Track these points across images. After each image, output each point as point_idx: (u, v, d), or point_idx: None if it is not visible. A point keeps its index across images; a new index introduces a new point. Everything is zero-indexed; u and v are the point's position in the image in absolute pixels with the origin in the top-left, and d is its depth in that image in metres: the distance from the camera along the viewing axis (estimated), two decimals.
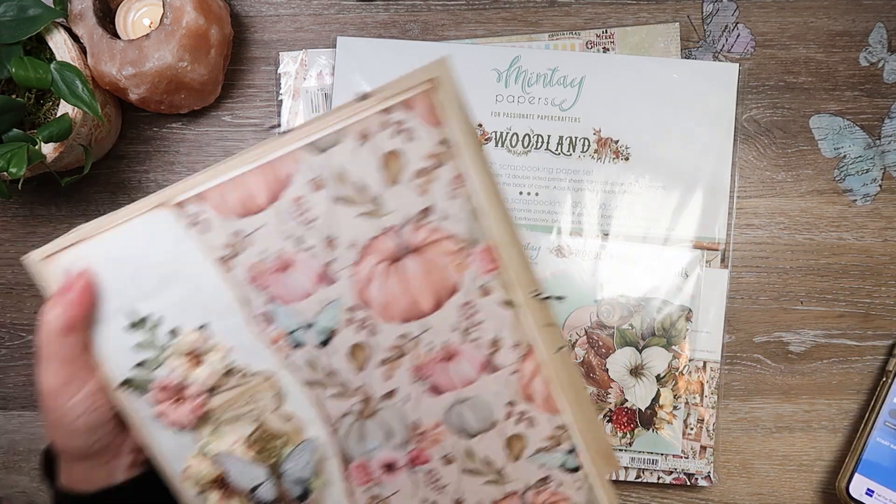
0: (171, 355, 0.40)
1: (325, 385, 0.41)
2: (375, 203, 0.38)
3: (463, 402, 0.41)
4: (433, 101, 0.37)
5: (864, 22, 0.63)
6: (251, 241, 0.39)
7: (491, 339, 0.41)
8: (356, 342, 0.40)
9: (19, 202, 0.63)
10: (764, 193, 0.62)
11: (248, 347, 0.40)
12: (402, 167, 0.38)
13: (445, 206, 0.38)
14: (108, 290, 0.39)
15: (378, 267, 0.39)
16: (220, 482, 0.42)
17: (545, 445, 0.42)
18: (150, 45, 0.54)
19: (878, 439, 0.60)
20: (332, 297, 0.39)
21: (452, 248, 0.39)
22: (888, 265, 0.62)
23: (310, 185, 0.38)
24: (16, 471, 0.63)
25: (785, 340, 0.62)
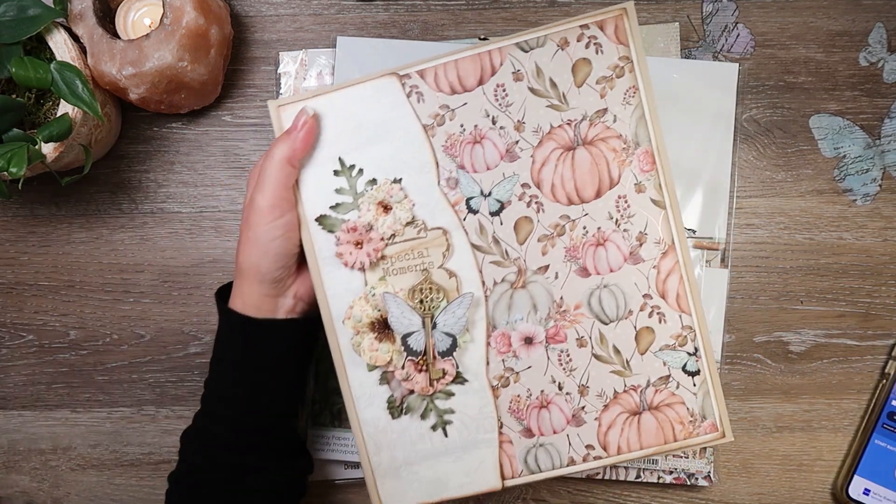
0: (364, 202, 0.47)
1: (489, 251, 0.47)
2: (562, 99, 0.46)
3: (605, 287, 0.47)
4: (621, 26, 0.45)
5: (864, 22, 0.63)
6: (454, 116, 0.46)
7: (638, 232, 0.47)
8: (523, 216, 0.47)
9: (19, 202, 0.63)
10: (764, 193, 0.62)
11: (432, 205, 0.47)
12: (589, 73, 0.46)
13: (618, 110, 0.46)
14: (326, 139, 0.47)
15: (554, 152, 0.46)
16: (377, 326, 0.47)
17: (671, 343, 0.47)
18: (150, 44, 0.54)
19: (876, 441, 0.60)
20: (510, 173, 0.47)
21: (618, 146, 0.46)
22: (888, 265, 0.62)
23: (512, 75, 0.46)
24: (16, 471, 0.63)
25: (785, 340, 0.62)
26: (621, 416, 0.47)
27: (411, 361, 0.47)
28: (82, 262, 0.62)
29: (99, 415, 0.63)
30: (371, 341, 0.47)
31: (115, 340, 0.62)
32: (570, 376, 0.47)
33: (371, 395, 0.48)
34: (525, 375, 0.47)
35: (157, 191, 0.63)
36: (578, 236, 0.47)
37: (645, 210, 0.46)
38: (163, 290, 0.62)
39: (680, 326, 0.47)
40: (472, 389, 0.48)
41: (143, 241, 0.62)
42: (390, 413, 0.48)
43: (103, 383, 0.62)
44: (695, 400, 0.47)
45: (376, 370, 0.48)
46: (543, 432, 0.48)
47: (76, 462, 0.63)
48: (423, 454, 0.48)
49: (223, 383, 0.49)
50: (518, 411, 0.48)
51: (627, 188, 0.46)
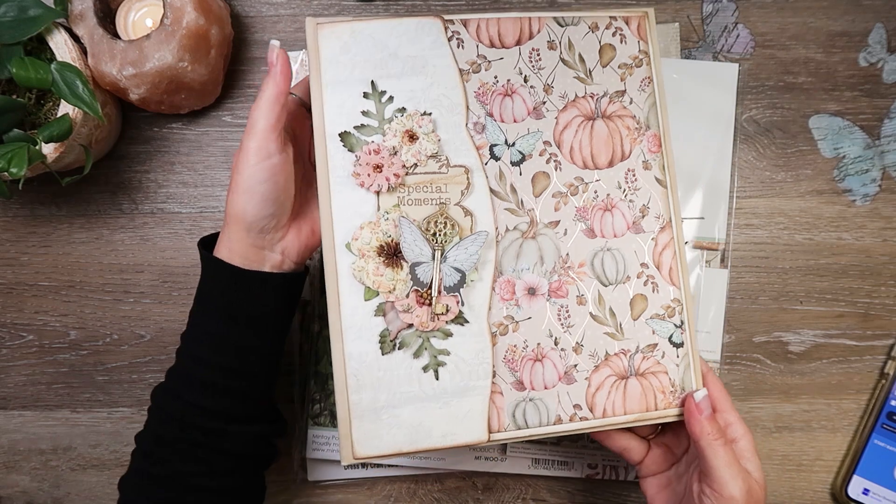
0: (392, 128, 0.47)
1: (505, 198, 0.48)
2: (588, 74, 0.50)
3: (608, 250, 0.49)
4: (643, 25, 0.51)
5: (864, 22, 0.63)
6: (490, 66, 0.49)
7: (642, 205, 0.50)
8: (542, 170, 0.49)
9: (20, 202, 0.63)
10: (763, 193, 0.62)
11: (458, 143, 0.48)
12: (613, 57, 0.51)
13: (635, 94, 0.51)
14: (360, 61, 0.47)
15: (576, 119, 0.50)
16: (385, 250, 0.47)
17: (661, 313, 0.50)
18: (151, 45, 0.54)
19: (876, 441, 0.60)
20: (535, 129, 0.49)
21: (632, 125, 0.50)
22: (887, 265, 0.62)
23: (547, 44, 0.50)
24: (16, 471, 0.63)
25: (784, 340, 0.62)
26: (609, 378, 0.49)
27: (416, 292, 0.46)
28: (82, 263, 0.63)
29: (99, 415, 0.63)
30: (377, 265, 0.46)
31: (115, 341, 0.62)
32: (567, 332, 0.48)
33: (363, 326, 0.46)
34: (524, 326, 0.48)
35: (158, 191, 0.63)
36: (589, 199, 0.49)
37: (649, 186, 0.50)
38: (163, 291, 0.62)
39: (670, 298, 0.50)
40: (471, 332, 0.47)
41: (143, 241, 0.62)
42: (381, 348, 0.46)
43: (103, 383, 0.62)
44: (677, 371, 0.49)
45: (374, 300, 0.46)
46: (535, 387, 0.48)
47: (76, 462, 0.63)
48: (409, 397, 0.46)
49: (207, 332, 0.49)
50: (513, 361, 0.47)
51: (636, 163, 0.50)
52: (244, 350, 0.48)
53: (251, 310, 0.48)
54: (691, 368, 0.49)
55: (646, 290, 0.49)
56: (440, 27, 0.48)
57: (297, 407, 0.61)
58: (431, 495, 0.62)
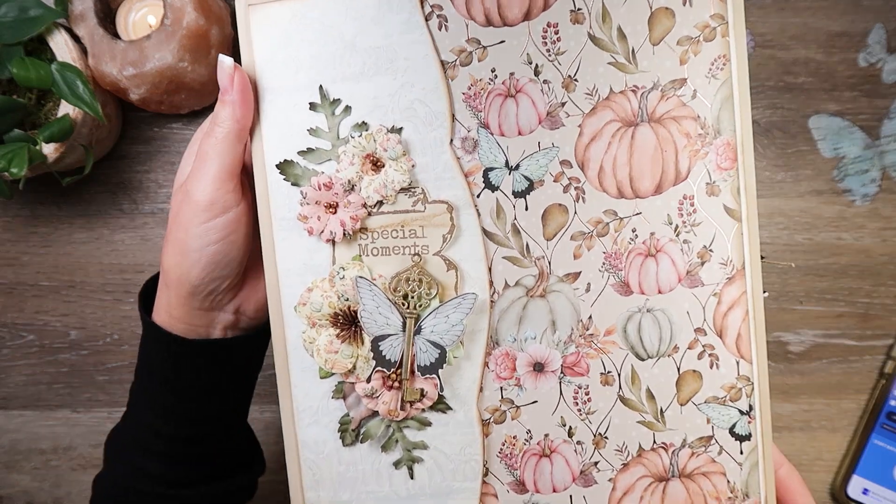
0: (348, 151, 0.35)
1: (504, 243, 0.36)
2: (630, 57, 0.35)
3: (649, 311, 0.36)
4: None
5: (864, 23, 0.63)
6: (485, 55, 0.35)
7: (702, 247, 0.36)
8: (557, 202, 0.35)
9: (20, 202, 0.63)
10: (763, 193, 0.63)
11: (439, 170, 0.35)
12: (671, 28, 0.34)
13: (700, 83, 0.35)
14: (306, 59, 0.35)
15: (610, 126, 0.35)
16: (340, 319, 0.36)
17: (721, 396, 0.36)
18: (151, 45, 0.54)
19: (875, 441, 0.60)
20: (549, 143, 0.35)
21: (694, 131, 0.35)
22: (887, 265, 0.62)
23: (570, 14, 0.34)
24: (16, 470, 0.63)
25: (784, 340, 0.62)
26: (643, 480, 0.37)
27: (381, 374, 0.36)
28: (83, 263, 0.63)
29: (100, 415, 0.63)
30: (330, 339, 0.36)
31: (115, 340, 0.62)
32: (586, 421, 0.37)
33: (319, 409, 0.37)
34: (528, 412, 0.37)
35: (158, 191, 0.63)
36: (624, 240, 0.36)
37: (715, 219, 0.35)
38: None
39: (735, 375, 0.36)
40: (456, 421, 0.37)
41: (143, 241, 0.62)
42: (341, 437, 0.37)
43: (104, 383, 0.63)
44: (739, 472, 0.37)
45: (331, 378, 0.37)
46: (540, 489, 0.37)
47: (77, 462, 0.63)
48: (377, 499, 0.37)
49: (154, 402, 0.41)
50: (511, 457, 0.37)
51: (697, 187, 0.35)
52: (199, 420, 0.41)
53: (201, 381, 0.40)
54: (760, 469, 0.37)
55: (701, 364, 0.36)
56: (411, 3, 0.35)
57: None
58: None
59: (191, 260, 0.36)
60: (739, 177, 0.35)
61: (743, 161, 0.35)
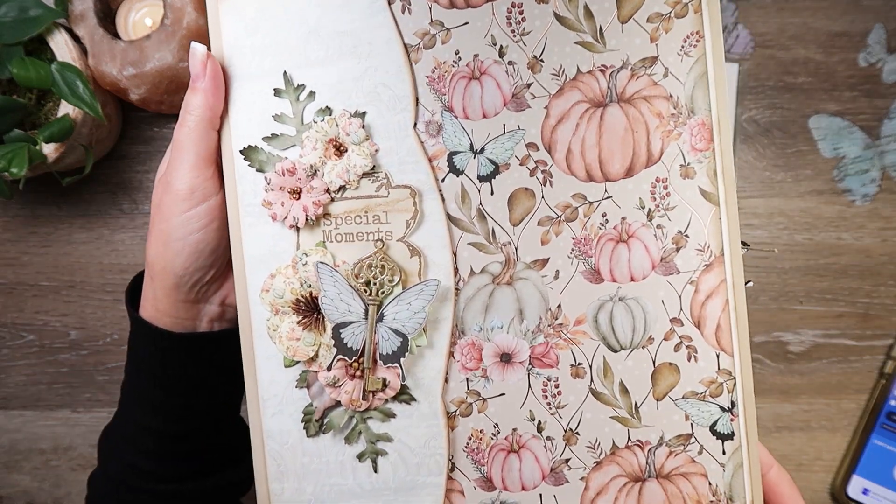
0: (311, 137, 0.35)
1: (469, 228, 0.35)
2: (598, 35, 0.33)
3: (621, 300, 0.34)
4: None
5: (864, 23, 0.63)
6: (448, 37, 0.34)
7: (677, 232, 0.34)
8: (523, 186, 0.34)
9: (20, 202, 0.63)
10: (763, 193, 0.63)
11: (402, 154, 0.35)
12: (640, 5, 0.33)
13: (672, 61, 0.33)
14: (271, 45, 0.35)
15: (577, 107, 0.34)
16: (302, 306, 0.35)
17: (701, 391, 0.35)
18: (151, 45, 0.54)
19: (875, 441, 0.60)
20: (514, 126, 0.34)
21: (666, 110, 0.33)
22: (887, 265, 0.62)
23: None
24: (16, 470, 0.63)
25: (784, 340, 0.62)
26: (617, 480, 0.35)
27: (343, 362, 0.35)
28: (83, 263, 0.63)
29: (100, 415, 0.63)
30: (292, 326, 0.35)
31: (115, 340, 0.62)
32: (556, 416, 0.35)
33: (283, 398, 0.36)
34: (494, 405, 0.36)
35: None
36: (594, 226, 0.34)
37: (690, 203, 0.34)
38: None
39: (715, 369, 0.35)
40: (421, 413, 0.36)
41: (143, 241, 0.62)
42: (305, 428, 0.36)
43: (104, 383, 0.63)
44: (721, 473, 0.35)
45: (295, 367, 0.36)
46: (508, 486, 0.36)
47: (77, 462, 0.63)
48: (341, 491, 0.36)
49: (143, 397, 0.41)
50: (478, 452, 0.36)
51: (670, 169, 0.34)
52: (187, 416, 0.40)
53: (189, 375, 0.40)
54: (745, 470, 0.35)
55: (678, 357, 0.35)
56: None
57: None
58: None
59: (174, 250, 0.36)
60: (716, 158, 0.33)
61: (720, 141, 0.33)
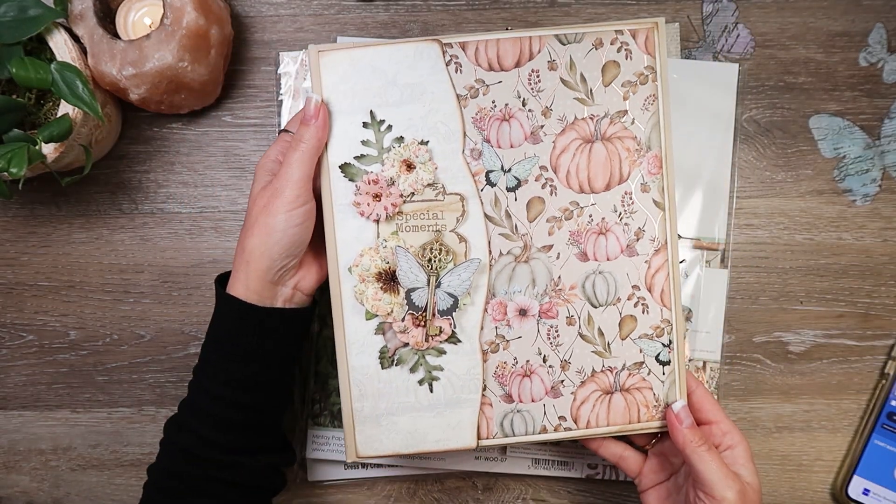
0: (390, 157, 0.49)
1: (499, 223, 0.50)
2: (589, 94, 0.50)
3: (600, 273, 0.50)
4: (651, 38, 0.49)
5: (864, 22, 0.63)
6: (488, 91, 0.49)
7: (637, 228, 0.50)
8: (537, 196, 0.50)
9: (20, 202, 0.63)
10: (764, 193, 0.62)
11: (454, 171, 0.49)
12: (617, 75, 0.49)
13: (637, 114, 0.50)
14: (360, 90, 0.49)
15: (574, 142, 0.50)
16: (383, 277, 0.49)
17: (650, 333, 0.51)
18: (151, 45, 0.54)
19: (876, 441, 0.60)
20: (532, 153, 0.50)
21: (632, 146, 0.50)
22: (887, 265, 0.62)
23: (547, 64, 0.49)
24: (16, 471, 0.63)
25: (784, 340, 0.62)
26: (595, 393, 0.51)
27: (411, 315, 0.49)
28: (82, 263, 0.62)
29: (99, 415, 0.63)
30: (376, 290, 0.49)
31: (115, 341, 0.62)
32: (555, 351, 0.51)
33: (364, 342, 0.50)
34: (514, 344, 0.50)
35: (158, 191, 0.63)
36: (584, 223, 0.50)
37: (646, 209, 0.50)
38: (163, 291, 0.62)
39: (660, 319, 0.51)
40: (464, 350, 0.50)
41: (143, 241, 0.62)
42: (381, 363, 0.50)
43: (103, 383, 0.62)
44: (661, 387, 0.51)
45: (374, 319, 0.50)
46: (523, 399, 0.51)
47: (76, 462, 0.63)
48: (407, 406, 0.50)
49: (221, 368, 0.49)
50: (502, 377, 0.50)
51: (634, 186, 0.50)
52: (258, 385, 0.50)
53: (265, 346, 0.49)
54: (676, 385, 0.51)
55: (636, 311, 0.51)
56: (438, 52, 0.49)
57: (297, 407, 0.61)
58: (431, 495, 0.62)
59: (275, 239, 0.47)
60: (664, 179, 0.50)
61: (666, 168, 0.50)
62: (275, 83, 0.62)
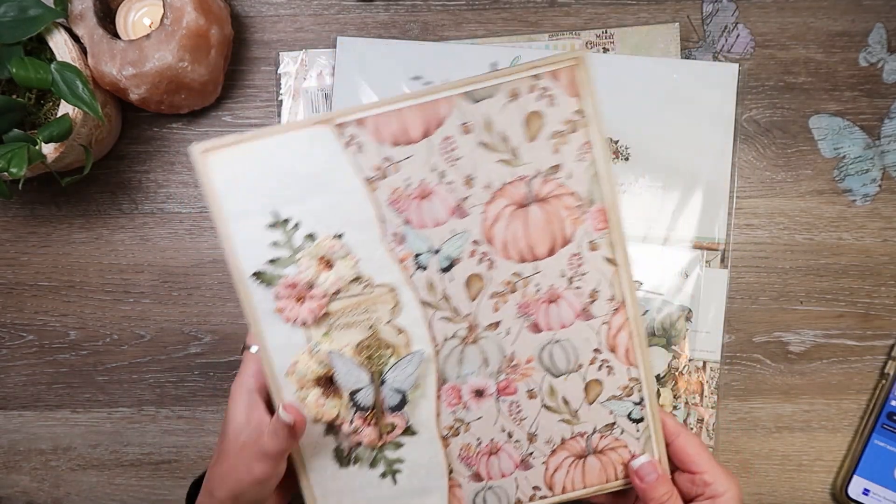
0: (304, 257, 0.44)
1: (439, 307, 0.45)
2: (514, 153, 0.44)
3: (557, 342, 0.47)
4: (576, 77, 0.43)
5: (864, 22, 0.63)
6: (398, 168, 0.43)
7: (591, 290, 0.46)
8: (474, 273, 0.45)
9: (20, 202, 0.63)
10: (764, 193, 0.62)
11: (378, 261, 0.45)
12: (542, 127, 0.43)
13: (572, 166, 0.44)
14: (257, 190, 0.43)
15: (506, 209, 0.44)
16: (322, 381, 0.45)
17: (618, 394, 0.47)
18: (151, 45, 0.54)
19: (876, 441, 0.60)
20: (460, 229, 0.44)
21: (572, 203, 0.44)
22: (888, 265, 0.62)
23: (460, 128, 0.43)
24: (16, 471, 0.63)
25: (784, 340, 0.62)
26: (567, 459, 0.48)
27: (360, 415, 0.46)
28: (82, 263, 0.63)
29: (99, 415, 0.63)
30: (317, 396, 0.45)
31: (115, 341, 0.62)
32: (520, 426, 0.48)
33: (317, 444, 0.47)
34: (475, 425, 0.47)
35: (158, 191, 0.63)
36: (531, 293, 0.46)
37: (598, 268, 0.46)
38: (163, 291, 0.62)
39: (627, 378, 0.47)
40: (422, 440, 0.47)
41: (143, 241, 0.62)
42: (338, 462, 0.47)
43: (103, 383, 0.62)
44: (637, 443, 0.49)
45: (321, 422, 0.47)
46: (492, 476, 0.48)
47: (76, 462, 0.63)
48: (372, 499, 0.48)
49: None
50: (468, 458, 0.48)
51: (581, 246, 0.45)
52: None
53: None
54: (652, 439, 0.48)
55: (600, 374, 0.47)
56: (331, 135, 0.43)
57: None
58: None
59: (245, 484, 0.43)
60: (613, 233, 0.45)
61: (613, 221, 0.45)
62: (275, 83, 0.62)
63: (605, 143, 0.44)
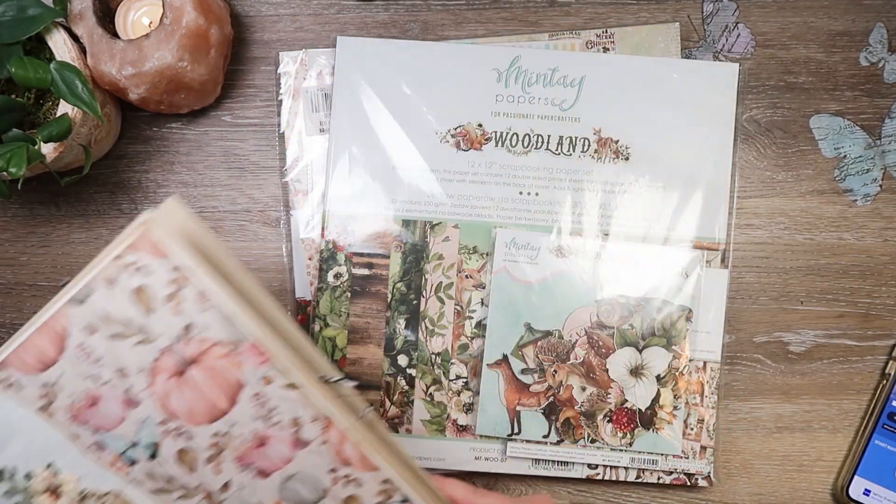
0: (31, 496, 0.46)
1: (170, 490, 0.46)
2: (143, 332, 0.42)
3: (291, 477, 0.45)
4: (152, 239, 0.41)
5: (865, 22, 0.63)
6: (60, 388, 0.44)
7: (290, 420, 0.44)
8: (180, 448, 0.45)
9: (19, 202, 0.63)
10: (764, 193, 0.62)
11: (93, 473, 0.45)
12: (152, 297, 0.42)
13: (201, 319, 0.42)
14: None
15: (169, 382, 0.43)
16: None
17: (379, 500, 0.46)
18: (150, 44, 0.54)
19: (877, 442, 0.60)
20: (142, 417, 0.44)
21: (222, 351, 0.43)
22: (888, 265, 0.62)
23: (85, 331, 0.42)
24: None
25: (785, 340, 0.62)
26: None
27: None
28: (82, 263, 0.62)
29: None
30: None
31: None
32: None
33: None
34: None
35: (157, 191, 0.63)
36: (239, 445, 0.45)
37: (283, 398, 0.44)
38: None
39: (378, 483, 0.45)
40: None
41: None
42: None
43: None
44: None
45: None
46: None
47: None
48: None
49: None
50: None
51: (256, 384, 0.44)
52: None
53: None
54: None
55: (349, 489, 0.46)
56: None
57: None
58: None
59: None
60: (278, 361, 0.43)
61: (274, 349, 0.42)
62: (275, 83, 0.62)
63: (223, 283, 0.41)
